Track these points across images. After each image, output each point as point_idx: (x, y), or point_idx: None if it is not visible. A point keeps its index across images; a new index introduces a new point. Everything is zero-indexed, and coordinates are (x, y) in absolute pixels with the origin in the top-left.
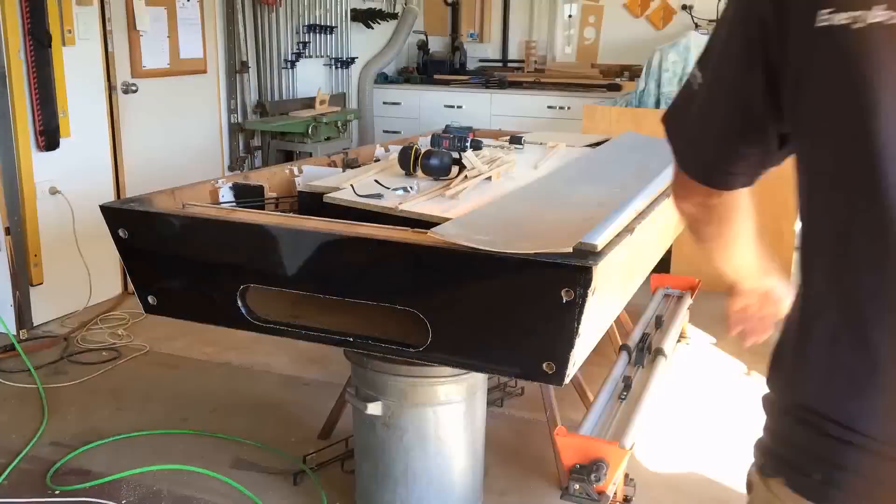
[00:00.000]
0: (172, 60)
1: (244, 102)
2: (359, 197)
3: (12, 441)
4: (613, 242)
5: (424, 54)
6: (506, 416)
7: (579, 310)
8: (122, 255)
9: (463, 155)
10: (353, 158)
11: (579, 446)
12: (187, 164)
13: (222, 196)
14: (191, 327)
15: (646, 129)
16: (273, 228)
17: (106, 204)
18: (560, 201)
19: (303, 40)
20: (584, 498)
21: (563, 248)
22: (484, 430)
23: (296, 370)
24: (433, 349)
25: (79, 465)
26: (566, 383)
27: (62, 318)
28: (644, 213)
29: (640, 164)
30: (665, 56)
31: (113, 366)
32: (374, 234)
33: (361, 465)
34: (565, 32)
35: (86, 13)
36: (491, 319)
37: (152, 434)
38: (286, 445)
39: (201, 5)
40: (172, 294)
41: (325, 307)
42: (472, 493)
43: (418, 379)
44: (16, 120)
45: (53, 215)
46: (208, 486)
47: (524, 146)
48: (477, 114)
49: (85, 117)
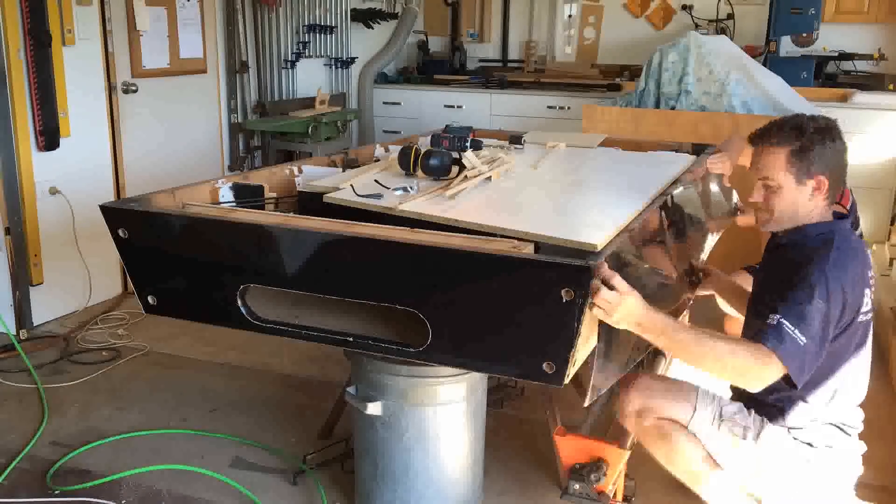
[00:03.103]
0: (172, 60)
1: (244, 102)
2: (359, 197)
3: (12, 441)
4: (613, 242)
5: (424, 54)
6: (506, 416)
7: (579, 310)
8: (122, 255)
9: (463, 155)
10: (353, 158)
11: (579, 446)
12: (187, 164)
13: (222, 196)
14: (191, 327)
15: (645, 129)
16: (273, 228)
17: (106, 204)
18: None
19: (303, 40)
20: (584, 498)
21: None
22: (484, 430)
23: (296, 370)
24: (433, 349)
25: (78, 465)
26: (566, 383)
27: (62, 318)
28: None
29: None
30: (665, 56)
31: (113, 366)
32: (374, 234)
33: (361, 465)
34: (565, 32)
35: (86, 13)
36: (491, 319)
37: (152, 434)
38: (286, 445)
39: (201, 5)
40: (172, 294)
41: (325, 307)
42: (472, 493)
43: (418, 379)
44: (16, 120)
45: (53, 215)
46: (208, 486)
47: (524, 146)
48: (477, 114)
49: (85, 117)
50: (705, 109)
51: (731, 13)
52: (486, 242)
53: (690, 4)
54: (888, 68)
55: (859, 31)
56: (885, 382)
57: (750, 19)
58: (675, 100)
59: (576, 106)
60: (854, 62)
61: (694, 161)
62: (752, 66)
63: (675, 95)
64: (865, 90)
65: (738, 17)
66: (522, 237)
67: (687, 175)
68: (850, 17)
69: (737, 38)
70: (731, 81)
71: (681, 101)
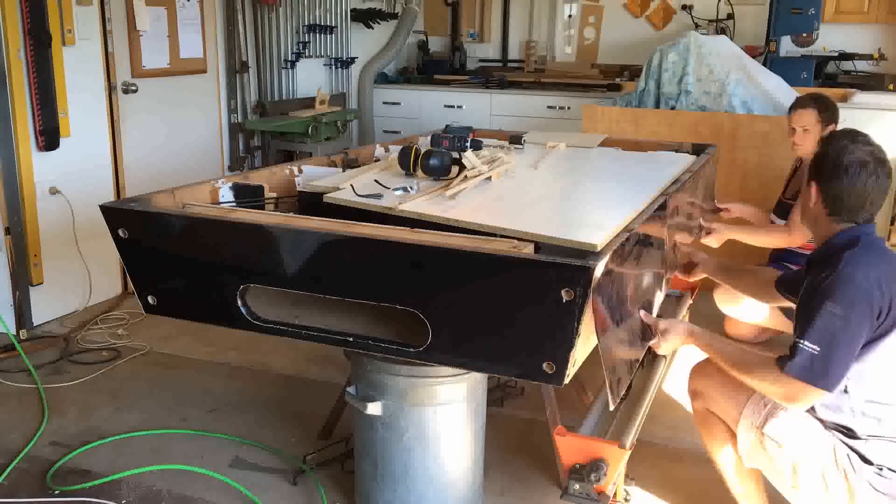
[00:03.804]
0: (172, 60)
1: (244, 102)
2: (359, 197)
3: (12, 441)
4: (613, 242)
5: (424, 54)
6: (506, 416)
7: (579, 310)
8: (122, 255)
9: (463, 155)
10: (353, 158)
11: (579, 446)
12: (187, 164)
13: (222, 196)
14: (191, 327)
15: (645, 129)
16: (273, 228)
17: (106, 204)
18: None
19: (303, 40)
20: (584, 498)
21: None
22: (484, 430)
23: (296, 370)
24: (433, 349)
25: (79, 465)
26: (566, 383)
27: (62, 318)
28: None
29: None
30: (665, 56)
31: (113, 366)
32: (374, 234)
33: (361, 465)
34: (565, 32)
35: (86, 13)
36: (491, 319)
37: (152, 434)
38: (286, 445)
39: (201, 5)
40: (172, 294)
41: (325, 307)
42: (473, 493)
43: (418, 379)
44: (16, 120)
45: (53, 215)
46: (208, 486)
47: (524, 146)
48: (477, 114)
49: (85, 117)
50: (705, 109)
51: (731, 13)
52: (486, 242)
53: (690, 4)
54: (888, 68)
55: (859, 31)
56: None
57: (750, 19)
58: (675, 100)
59: (576, 106)
60: (854, 62)
61: (694, 161)
62: (752, 66)
63: (675, 95)
64: (865, 90)
65: (738, 17)
66: (522, 237)
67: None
68: (850, 17)
69: (737, 38)
70: (731, 81)
71: (681, 101)
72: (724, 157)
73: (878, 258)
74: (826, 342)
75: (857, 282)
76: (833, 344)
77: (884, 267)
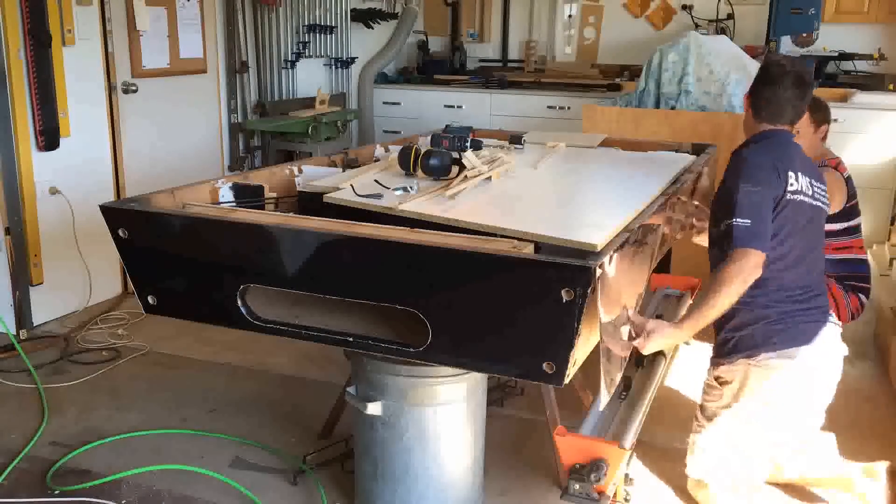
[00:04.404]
0: (172, 60)
1: (244, 102)
2: (359, 197)
3: (12, 441)
4: (613, 242)
5: (424, 54)
6: (506, 416)
7: (579, 310)
8: (121, 255)
9: (463, 155)
10: (353, 158)
11: (579, 446)
12: (187, 164)
13: (222, 196)
14: (191, 327)
15: (645, 129)
16: (273, 228)
17: (106, 204)
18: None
19: (303, 40)
20: (584, 498)
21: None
22: (484, 430)
23: (296, 370)
24: (433, 349)
25: (78, 465)
26: (566, 383)
27: (62, 318)
28: (644, 214)
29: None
30: (665, 56)
31: (113, 366)
32: (373, 234)
33: (361, 465)
34: (565, 32)
35: (86, 13)
36: (491, 319)
37: (152, 434)
38: (286, 445)
39: (201, 5)
40: (172, 294)
41: (325, 307)
42: (473, 493)
43: (418, 379)
44: (16, 120)
45: (53, 215)
46: (208, 486)
47: (524, 146)
48: (477, 114)
49: (85, 117)
50: (705, 109)
51: (731, 13)
52: (486, 242)
53: (690, 4)
54: (888, 68)
55: (859, 32)
56: (885, 382)
57: (750, 19)
58: (675, 100)
59: (576, 106)
60: (854, 62)
61: (694, 161)
62: (752, 66)
63: (675, 95)
64: (865, 90)
65: (738, 17)
66: (522, 237)
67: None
68: (850, 18)
69: (737, 38)
70: (731, 81)
71: (681, 101)
72: (724, 157)
73: (777, 146)
74: (754, 214)
75: (759, 163)
76: (759, 213)
77: (780, 151)
